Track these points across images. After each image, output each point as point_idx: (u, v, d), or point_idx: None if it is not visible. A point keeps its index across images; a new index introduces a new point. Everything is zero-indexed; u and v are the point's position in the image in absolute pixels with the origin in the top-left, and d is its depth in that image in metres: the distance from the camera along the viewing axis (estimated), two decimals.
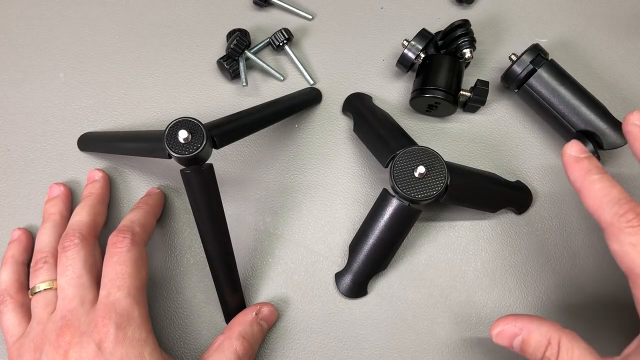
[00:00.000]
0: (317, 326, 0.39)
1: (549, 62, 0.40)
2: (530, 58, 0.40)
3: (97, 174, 0.42)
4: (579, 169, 0.31)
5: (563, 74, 0.40)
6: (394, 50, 0.46)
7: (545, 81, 0.40)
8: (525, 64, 0.40)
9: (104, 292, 0.34)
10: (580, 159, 0.32)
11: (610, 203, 0.29)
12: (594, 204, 0.30)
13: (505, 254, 0.40)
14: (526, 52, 0.40)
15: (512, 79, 0.41)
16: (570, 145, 0.32)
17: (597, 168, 0.31)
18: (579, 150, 0.32)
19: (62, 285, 0.34)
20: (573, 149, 0.32)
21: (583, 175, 0.31)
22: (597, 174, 0.31)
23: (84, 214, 0.38)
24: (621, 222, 0.29)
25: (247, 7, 0.48)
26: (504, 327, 0.31)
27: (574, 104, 0.39)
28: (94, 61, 0.47)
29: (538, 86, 0.40)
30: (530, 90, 0.40)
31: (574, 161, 0.32)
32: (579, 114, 0.39)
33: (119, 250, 0.35)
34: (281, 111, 0.42)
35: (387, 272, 0.40)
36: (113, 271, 0.34)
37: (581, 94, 0.39)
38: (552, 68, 0.40)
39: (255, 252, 0.41)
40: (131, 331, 0.32)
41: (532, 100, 0.41)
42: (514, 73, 0.40)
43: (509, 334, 0.31)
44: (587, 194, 0.31)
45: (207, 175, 0.36)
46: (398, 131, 0.40)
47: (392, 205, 0.37)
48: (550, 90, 0.40)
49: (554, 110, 0.40)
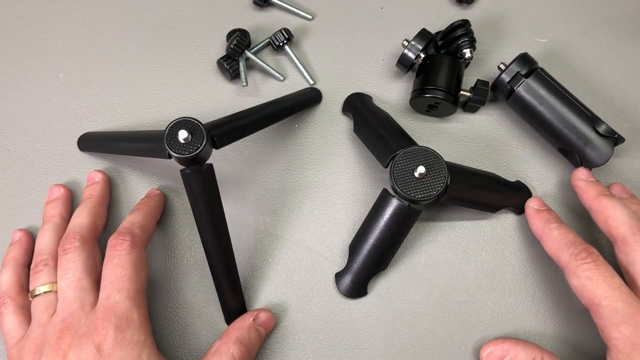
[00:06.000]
0: (317, 326, 0.39)
1: (537, 71, 0.40)
2: (518, 68, 0.39)
3: (97, 176, 0.42)
4: (539, 219, 0.37)
5: (551, 84, 0.39)
6: (394, 50, 0.46)
7: (533, 91, 0.39)
8: (513, 74, 0.40)
9: (103, 294, 0.34)
10: (540, 211, 0.38)
11: (567, 245, 0.34)
12: (553, 247, 0.35)
13: (505, 254, 0.40)
14: (514, 61, 0.40)
15: (500, 89, 0.41)
16: (531, 200, 0.39)
17: (555, 218, 0.37)
18: (540, 204, 0.39)
19: (63, 288, 0.35)
20: (535, 203, 0.39)
21: (543, 224, 0.37)
22: (555, 223, 0.36)
23: (84, 216, 0.38)
24: (577, 260, 0.33)
25: (247, 7, 0.48)
26: (493, 348, 0.36)
27: (557, 122, 0.39)
28: (94, 61, 0.47)
29: (526, 96, 0.39)
30: (518, 101, 0.40)
31: (535, 213, 0.38)
32: (559, 134, 0.39)
33: (118, 252, 0.35)
34: (281, 111, 0.42)
35: (387, 272, 0.40)
36: (113, 274, 0.34)
37: (568, 105, 0.39)
38: (540, 78, 0.39)
39: (255, 252, 0.41)
40: (130, 333, 0.32)
41: (521, 110, 0.41)
42: (502, 83, 0.40)
43: (497, 355, 0.35)
44: (547, 239, 0.36)
45: (207, 175, 0.36)
46: (398, 131, 0.40)
47: (392, 205, 0.37)
48: (537, 100, 0.39)
49: (538, 124, 0.40)
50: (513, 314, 0.39)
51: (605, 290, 0.31)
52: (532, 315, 0.38)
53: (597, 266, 0.32)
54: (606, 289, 0.32)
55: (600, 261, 0.33)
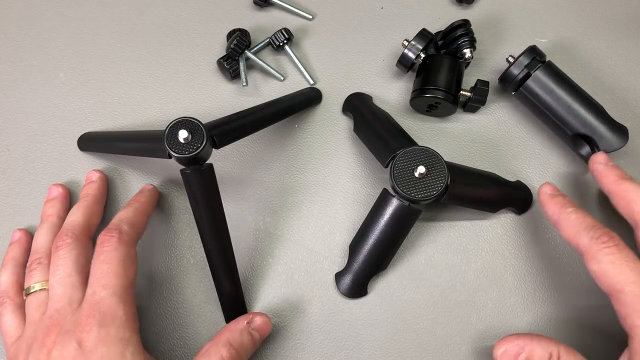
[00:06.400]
0: (317, 326, 0.39)
1: (546, 63, 0.40)
2: (527, 60, 0.40)
3: (94, 175, 0.42)
4: (554, 204, 0.35)
5: (560, 76, 0.40)
6: (394, 50, 0.46)
7: (542, 83, 0.39)
8: (522, 66, 0.40)
9: (89, 291, 0.33)
10: (555, 195, 0.36)
11: (586, 229, 0.32)
12: (571, 231, 0.33)
13: (505, 254, 0.40)
14: (523, 54, 0.40)
15: (509, 81, 0.41)
16: (544, 187, 0.37)
17: (570, 202, 0.35)
18: (553, 189, 0.37)
19: (52, 285, 0.34)
20: (548, 189, 0.37)
21: (559, 209, 0.35)
22: (571, 207, 0.35)
23: (78, 214, 0.38)
24: (598, 244, 0.31)
25: (247, 7, 0.48)
26: (507, 346, 0.33)
27: (571, 107, 0.39)
28: (94, 61, 0.47)
29: (535, 88, 0.39)
30: (526, 93, 0.40)
31: (550, 198, 0.36)
32: (576, 117, 0.39)
33: (105, 249, 0.34)
34: (281, 111, 0.42)
35: (387, 272, 0.40)
36: (99, 270, 0.34)
37: (578, 95, 0.39)
38: (549, 70, 0.40)
39: (255, 252, 0.41)
40: (114, 330, 0.32)
41: (529, 102, 0.41)
42: (511, 75, 0.40)
43: (513, 352, 0.33)
44: (565, 224, 0.34)
45: (207, 175, 0.36)
46: (398, 131, 0.40)
47: (392, 205, 0.37)
48: (547, 92, 0.39)
49: (550, 114, 0.40)
50: (513, 314, 0.39)
51: (629, 276, 0.30)
52: (532, 315, 0.38)
53: (620, 250, 0.31)
54: (629, 274, 0.30)
55: (622, 245, 0.31)
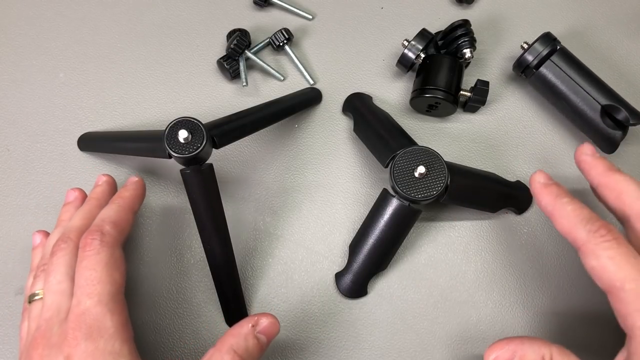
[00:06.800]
0: (317, 326, 0.39)
1: (560, 49, 0.41)
2: (545, 43, 0.40)
3: (101, 179, 0.40)
4: (548, 194, 0.33)
5: (575, 61, 0.41)
6: (394, 50, 0.46)
7: (568, 58, 0.40)
8: (547, 44, 0.40)
9: (74, 300, 0.31)
10: (548, 185, 0.33)
11: (583, 222, 0.30)
12: (567, 224, 0.31)
13: (505, 254, 0.40)
14: (538, 39, 0.41)
15: (523, 66, 0.41)
16: (536, 175, 0.34)
17: (565, 192, 0.32)
18: (546, 178, 0.34)
19: (44, 293, 0.33)
20: (541, 177, 0.34)
21: (553, 199, 0.32)
22: (566, 197, 0.32)
23: (76, 219, 0.36)
24: (596, 238, 0.29)
25: (247, 7, 0.48)
26: (498, 352, 0.32)
27: (598, 80, 0.40)
28: (94, 61, 0.47)
29: (560, 63, 0.40)
30: (548, 73, 0.40)
31: (543, 187, 0.33)
32: (604, 87, 0.40)
33: (87, 254, 0.32)
34: (281, 111, 0.42)
35: (387, 272, 0.40)
36: (82, 278, 0.31)
37: (595, 77, 0.40)
38: (567, 52, 0.41)
39: (255, 252, 0.41)
40: (103, 343, 0.30)
41: (546, 85, 0.41)
42: (526, 61, 0.41)
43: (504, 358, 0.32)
44: (559, 215, 0.31)
45: (207, 175, 0.36)
46: (398, 131, 0.40)
47: (392, 205, 0.37)
48: (573, 67, 0.40)
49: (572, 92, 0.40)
50: (513, 314, 0.39)
51: (629, 272, 0.28)
52: (531, 315, 0.38)
53: (619, 245, 0.29)
54: (630, 270, 0.28)
55: (621, 239, 0.29)
